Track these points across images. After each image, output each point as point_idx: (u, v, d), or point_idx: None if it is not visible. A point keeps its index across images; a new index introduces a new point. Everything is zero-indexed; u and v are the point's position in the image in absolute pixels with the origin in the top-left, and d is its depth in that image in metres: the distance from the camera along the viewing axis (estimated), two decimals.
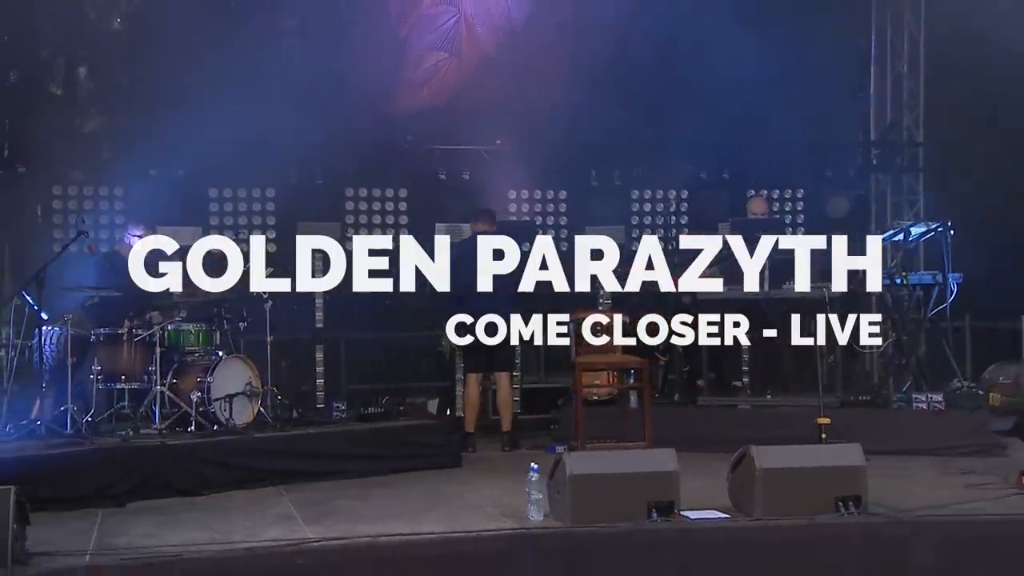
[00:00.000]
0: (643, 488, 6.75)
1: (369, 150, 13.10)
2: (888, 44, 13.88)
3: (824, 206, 13.33)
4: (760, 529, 6.83)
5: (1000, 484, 7.93)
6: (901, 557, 6.79)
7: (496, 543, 6.46)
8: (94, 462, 7.99)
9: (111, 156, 12.23)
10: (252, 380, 9.06)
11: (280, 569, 6.06)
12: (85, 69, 13.05)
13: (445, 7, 13.39)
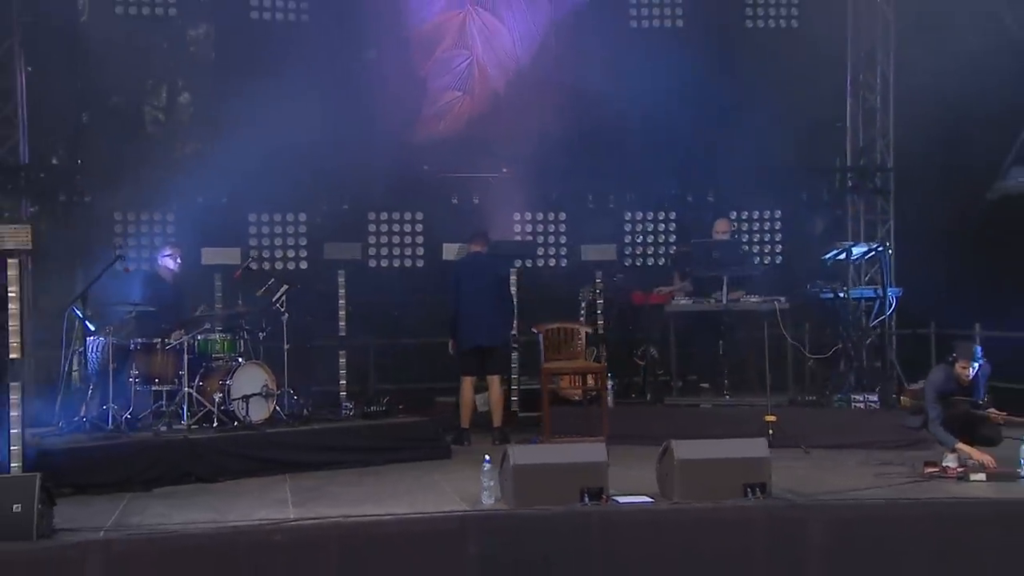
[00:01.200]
0: (576, 476, 7.22)
1: (390, 178, 13.15)
2: (861, 78, 13.83)
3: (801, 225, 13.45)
4: (676, 511, 7.28)
5: (907, 473, 8.31)
6: (797, 535, 7.17)
7: (448, 523, 6.95)
8: (127, 453, 8.61)
9: (165, 185, 12.41)
10: (268, 383, 9.51)
11: (260, 544, 6.59)
12: (153, 108, 13.47)
13: (459, 51, 13.49)
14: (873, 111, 13.77)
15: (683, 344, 11.31)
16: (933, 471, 8.18)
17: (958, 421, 8.35)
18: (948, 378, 8.45)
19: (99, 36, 12.45)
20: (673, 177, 13.46)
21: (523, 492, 7.12)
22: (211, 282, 11.48)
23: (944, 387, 8.44)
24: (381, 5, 13.11)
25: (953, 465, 8.13)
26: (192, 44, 13.41)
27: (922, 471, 8.25)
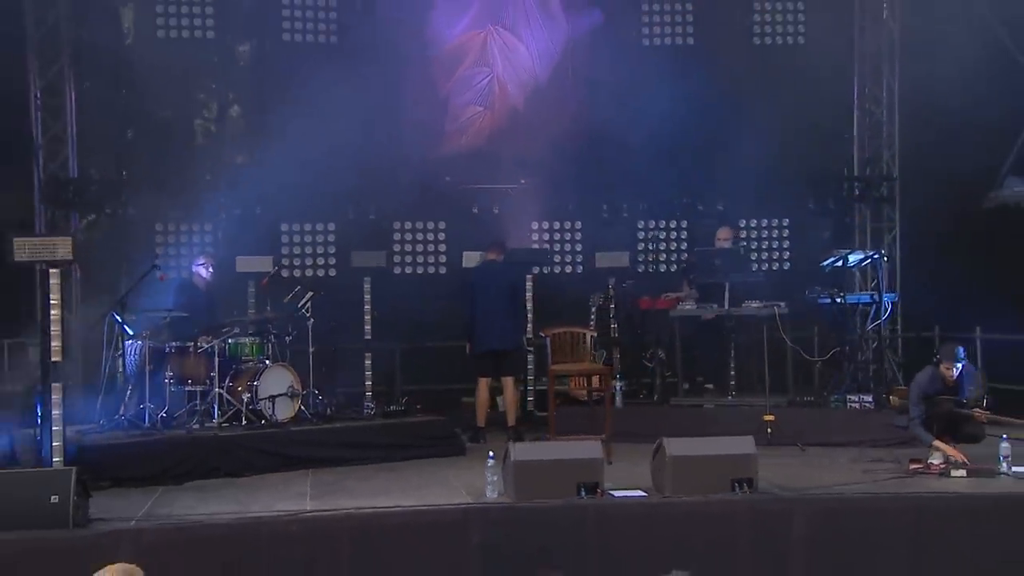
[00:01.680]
0: (573, 471, 7.47)
1: (414, 189, 13.26)
2: (868, 92, 13.90)
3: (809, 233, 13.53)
4: (668, 504, 7.50)
5: (893, 469, 8.48)
6: (781, 527, 7.36)
7: (452, 515, 7.21)
8: (161, 449, 8.94)
9: (203, 198, 12.60)
10: (294, 383, 9.76)
11: (278, 534, 6.86)
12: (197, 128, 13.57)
13: (481, 68, 13.61)
14: (879, 123, 13.91)
15: (688, 347, 11.42)
16: (917, 467, 8.34)
17: (943, 419, 8.54)
18: (933, 379, 8.62)
19: (142, 57, 12.64)
20: (684, 187, 13.56)
21: (523, 486, 7.36)
22: (245, 288, 11.80)
23: (929, 388, 8.62)
24: (406, 27, 13.18)
25: (937, 462, 8.28)
26: (228, 65, 13.55)
27: (907, 467, 8.41)
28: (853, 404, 10.34)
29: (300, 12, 13.18)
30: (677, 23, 13.82)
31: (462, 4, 13.57)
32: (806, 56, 13.56)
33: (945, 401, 8.54)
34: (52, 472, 7.32)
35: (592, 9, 13.66)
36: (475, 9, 13.59)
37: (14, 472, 7.71)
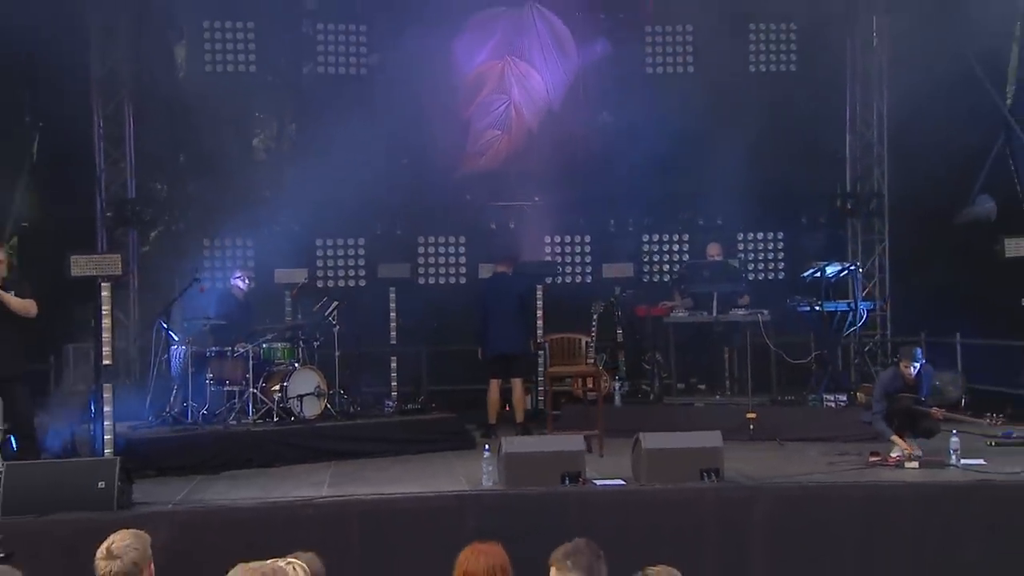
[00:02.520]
0: (558, 462, 7.85)
1: (437, 206, 13.55)
2: (859, 114, 13.95)
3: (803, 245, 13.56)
4: (643, 492, 7.88)
5: (854, 462, 8.76)
6: (743, 511, 7.69)
7: (450, 500, 7.63)
8: (201, 443, 9.43)
9: (246, 216, 12.68)
10: (320, 384, 10.15)
11: (294, 518, 7.30)
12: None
13: (499, 95, 13.75)
14: (870, 144, 13.97)
15: (682, 351, 11.59)
16: (876, 460, 8.64)
17: (902, 415, 8.81)
18: (895, 377, 8.91)
19: (192, 90, 12.94)
20: (685, 203, 13.71)
21: (513, 476, 7.76)
22: (282, 297, 12.02)
23: (891, 385, 8.89)
24: (431, 58, 13.25)
25: (894, 455, 8.62)
26: (268, 96, 13.84)
27: (867, 460, 8.71)
28: (829, 403, 10.53)
29: (333, 47, 13.44)
30: (678, 52, 13.96)
31: (482, 37, 13.70)
32: (798, 81, 13.72)
33: (904, 398, 8.79)
34: (99, 461, 7.80)
35: (600, 40, 13.80)
36: (494, 41, 13.74)
37: (68, 461, 8.31)
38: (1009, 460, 8.59)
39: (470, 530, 7.14)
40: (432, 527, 7.33)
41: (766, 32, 13.99)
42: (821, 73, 13.76)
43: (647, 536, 7.50)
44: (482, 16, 13.65)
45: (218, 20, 13.15)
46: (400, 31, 13.20)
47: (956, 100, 11.99)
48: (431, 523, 7.37)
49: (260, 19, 13.20)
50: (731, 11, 13.42)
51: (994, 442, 9.52)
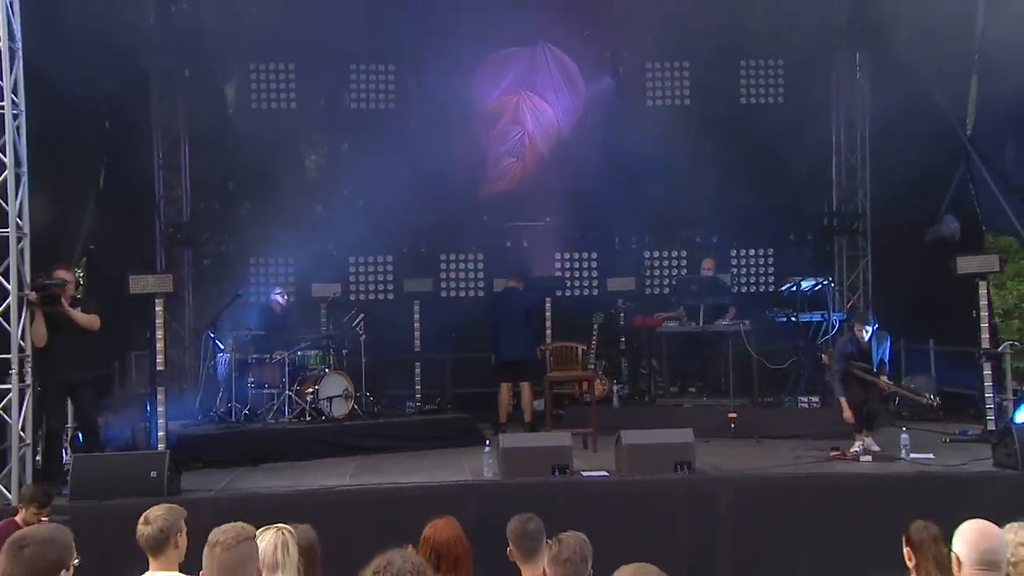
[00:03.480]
0: (549, 456, 8.34)
1: (458, 227, 13.79)
2: (844, 141, 14.06)
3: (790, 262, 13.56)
4: (623, 482, 8.37)
5: (817, 456, 9.20)
6: (711, 499, 8.17)
7: (454, 488, 8.14)
8: (242, 439, 9.98)
9: (287, 237, 12.89)
10: (348, 387, 10.62)
11: (320, 503, 7.80)
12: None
13: (514, 126, 13.93)
14: (854, 168, 14.09)
15: (673, 358, 11.97)
16: (835, 454, 9.10)
17: (854, 381, 9.25)
18: (851, 340, 9.37)
19: (240, 124, 13.50)
20: (684, 222, 13.94)
21: (509, 468, 8.29)
22: (318, 309, 12.36)
23: (847, 348, 9.33)
24: (453, 92, 13.38)
25: (854, 450, 9.09)
26: (306, 130, 14.17)
27: (828, 454, 9.15)
28: (803, 404, 10.85)
29: (364, 85, 13.83)
30: (676, 87, 14.15)
31: (499, 73, 13.88)
32: (785, 112, 13.81)
33: (855, 366, 9.23)
34: (152, 454, 8.39)
35: (605, 76, 14.10)
36: (510, 77, 13.93)
37: (125, 454, 8.93)
38: (955, 455, 9.05)
39: (470, 515, 7.42)
40: (437, 512, 7.42)
41: (755, 68, 14.18)
42: (807, 104, 13.84)
43: (627, 520, 7.97)
44: (499, 55, 13.83)
45: (263, 63, 13.58)
46: (424, 69, 13.49)
47: (927, 128, 12.15)
48: (436, 508, 7.37)
49: (300, 61, 13.59)
50: (723, 49, 13.70)
51: (948, 439, 9.93)
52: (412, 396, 12.22)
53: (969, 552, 3.69)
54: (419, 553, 4.20)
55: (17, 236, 7.86)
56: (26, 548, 3.15)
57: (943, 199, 12.40)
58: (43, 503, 6.62)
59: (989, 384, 9.63)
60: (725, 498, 8.15)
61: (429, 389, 12.54)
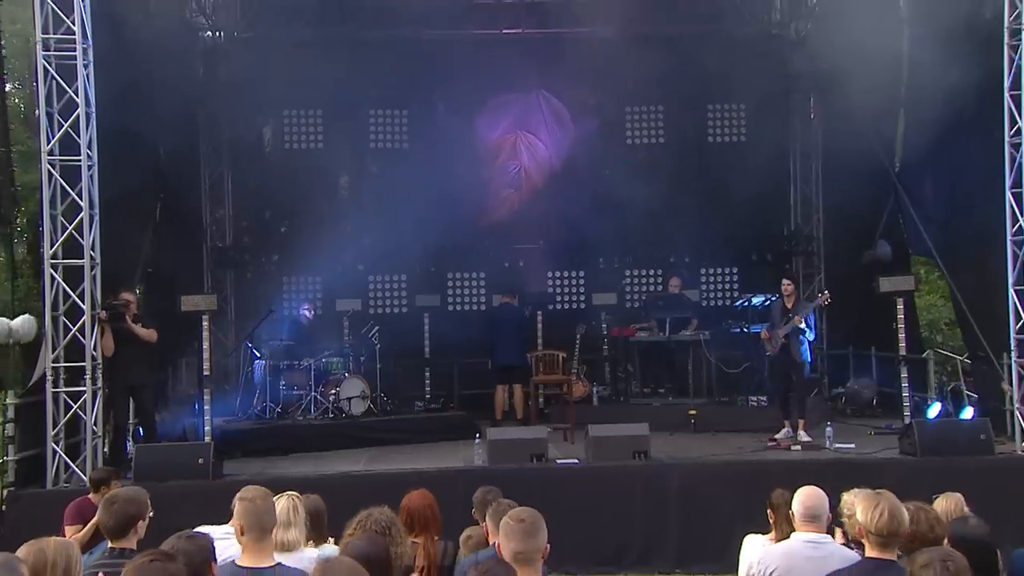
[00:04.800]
0: (528, 446, 9.11)
1: (462, 249, 14.09)
2: (800, 172, 14.73)
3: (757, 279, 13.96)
4: (589, 468, 9.11)
5: (756, 446, 9.91)
6: (663, 481, 8.89)
7: (448, 473, 8.83)
8: (275, 433, 10.76)
9: (315, 258, 13.06)
10: (365, 389, 11.32)
11: (338, 485, 8.38)
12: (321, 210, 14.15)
13: (512, 161, 14.46)
14: (809, 196, 14.72)
15: (645, 363, 12.64)
16: (771, 444, 9.86)
17: (780, 370, 10.25)
18: (778, 298, 10.23)
19: (276, 161, 14.25)
20: (660, 244, 14.33)
21: (495, 456, 9.03)
22: (341, 322, 13.05)
23: (775, 304, 10.31)
24: (458, 133, 13.97)
25: (784, 440, 9.87)
26: (333, 166, 14.54)
27: (766, 444, 9.90)
28: (753, 403, 11.52)
29: (382, 127, 14.47)
30: (651, 127, 14.72)
31: (499, 116, 14.47)
32: (747, 149, 14.29)
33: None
34: (199, 445, 9.14)
35: (591, 118, 14.55)
36: (508, 119, 14.52)
37: (179, 444, 9.72)
38: (873, 445, 9.86)
39: (460, 495, 7.82)
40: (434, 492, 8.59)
41: (721, 111, 14.76)
42: (767, 141, 14.17)
43: (593, 500, 8.78)
44: (498, 100, 14.41)
45: (294, 109, 14.32)
46: (434, 113, 14.18)
47: (867, 163, 12.68)
48: (434, 489, 8.30)
49: (326, 107, 14.28)
50: (693, 95, 14.39)
51: (873, 432, 10.72)
52: (422, 396, 12.87)
53: (798, 508, 4.66)
54: (398, 517, 5.02)
55: (90, 265, 8.77)
56: (115, 504, 4.15)
57: (877, 226, 13.04)
58: (105, 479, 7.18)
59: (906, 385, 10.22)
60: (674, 481, 8.87)
61: (438, 390, 13.14)
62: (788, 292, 10.03)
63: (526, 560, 3.56)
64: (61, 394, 8.68)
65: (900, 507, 4.02)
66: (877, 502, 4.01)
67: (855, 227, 13.75)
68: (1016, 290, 9.23)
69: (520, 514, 3.68)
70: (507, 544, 3.60)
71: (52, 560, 3.31)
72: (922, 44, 11.09)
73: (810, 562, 4.53)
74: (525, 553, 3.57)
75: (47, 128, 8.62)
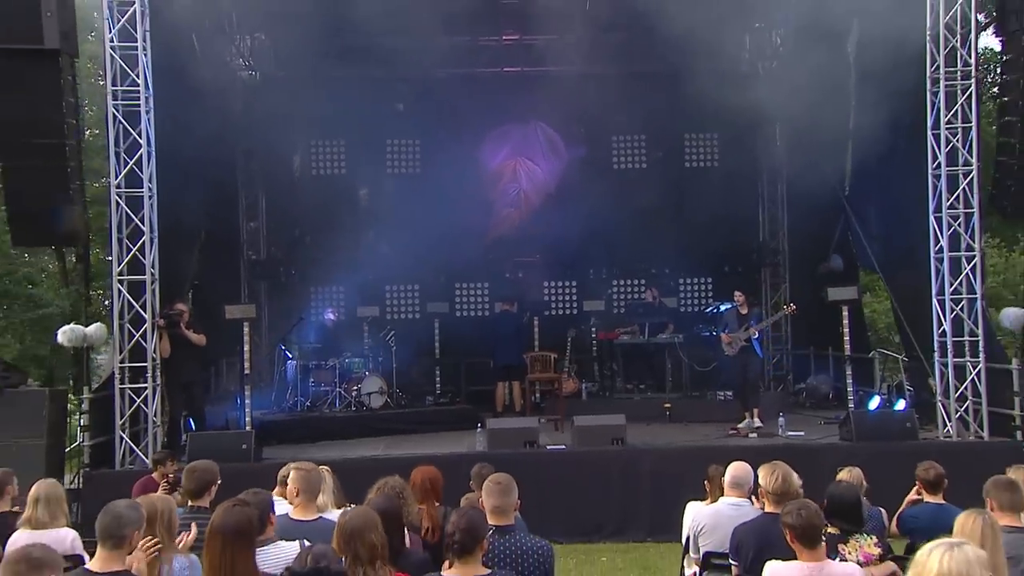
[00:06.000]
0: (521, 434, 9.85)
1: (469, 262, 14.63)
2: (767, 193, 15.50)
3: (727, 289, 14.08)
4: (575, 452, 9.82)
5: (719, 434, 10.60)
6: (637, 464, 9.57)
7: (454, 457, 9.38)
8: (305, 424, 11.44)
9: (339, 269, 13.84)
10: (383, 386, 12.02)
11: (359, 468, 8.68)
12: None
13: (513, 184, 15.15)
14: (776, 215, 15.52)
15: (627, 362, 13.34)
16: (732, 432, 10.58)
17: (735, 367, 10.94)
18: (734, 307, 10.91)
19: (305, 186, 14.96)
20: (643, 258, 14.97)
21: (494, 442, 9.74)
22: (362, 327, 13.58)
23: (729, 311, 10.98)
24: (464, 160, 14.55)
25: (742, 425, 10.62)
26: (354, 189, 15.39)
27: (727, 432, 10.63)
28: (721, 398, 12.20)
29: (398, 155, 15.24)
30: (634, 152, 15.42)
31: (500, 144, 15.16)
32: (720, 173, 15.04)
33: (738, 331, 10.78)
34: (242, 433, 9.90)
35: (581, 146, 15.27)
36: (508, 147, 15.22)
37: (225, 432, 10.46)
38: (819, 433, 10.63)
39: (465, 476, 8.07)
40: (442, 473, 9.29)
41: (697, 140, 15.49)
42: (737, 166, 15.08)
43: (577, 480, 9.48)
44: (500, 130, 15.09)
45: (320, 139, 15.09)
46: (443, 143, 14.80)
47: (824, 185, 13.25)
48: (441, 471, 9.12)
49: (348, 138, 15.02)
50: (672, 125, 15.07)
51: (823, 422, 11.44)
52: (433, 392, 13.54)
53: (727, 478, 5.56)
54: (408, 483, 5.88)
55: (151, 280, 9.63)
56: (196, 472, 5.09)
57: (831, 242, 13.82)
58: (164, 460, 7.93)
59: (851, 381, 10.99)
60: (647, 463, 9.58)
61: (446, 386, 13.80)
62: (740, 301, 10.77)
63: (502, 512, 4.47)
64: (126, 390, 9.50)
65: (791, 474, 4.92)
66: (773, 470, 4.92)
67: (815, 242, 14.46)
68: (938, 299, 10.04)
69: (497, 477, 4.59)
70: (488, 500, 4.51)
71: (160, 509, 4.24)
72: (865, 86, 11.89)
73: (731, 520, 5.42)
74: (501, 506, 4.47)
75: (115, 165, 9.48)
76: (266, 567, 4.19)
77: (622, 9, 11.82)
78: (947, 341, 9.98)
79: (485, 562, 4.05)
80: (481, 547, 3.94)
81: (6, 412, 9.31)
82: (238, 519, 3.86)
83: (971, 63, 9.79)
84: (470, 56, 14.28)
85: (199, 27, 11.47)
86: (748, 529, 4.96)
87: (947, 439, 9.91)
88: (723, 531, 5.39)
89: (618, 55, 13.36)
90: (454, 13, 12.14)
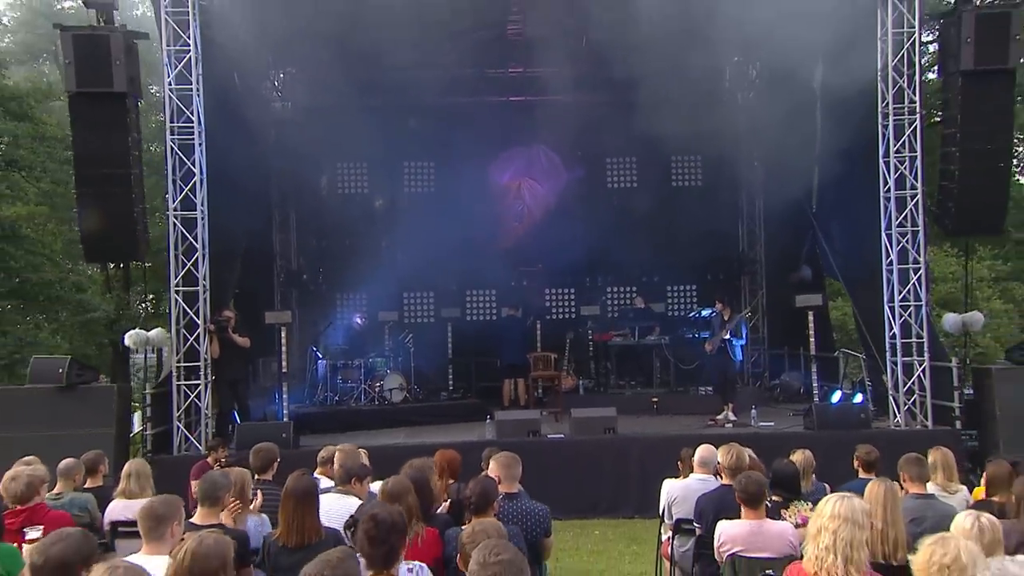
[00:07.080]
0: (526, 425, 10.48)
1: (478, 271, 14.99)
2: (746, 209, 16.13)
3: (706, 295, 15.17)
4: (572, 441, 10.45)
5: (699, 424, 11.25)
6: (626, 451, 10.19)
7: (463, 446, 9.39)
8: (335, 416, 12.01)
9: (362, 278, 14.45)
10: (402, 383, 12.69)
11: (382, 454, 9.10)
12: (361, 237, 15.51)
13: (518, 201, 15.75)
14: (754, 229, 16.11)
15: (619, 361, 13.95)
16: (711, 423, 11.25)
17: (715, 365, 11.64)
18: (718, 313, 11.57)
19: (332, 205, 15.44)
20: (635, 267, 15.53)
21: (501, 432, 10.38)
22: (383, 330, 14.32)
23: (715, 317, 11.59)
24: (474, 180, 15.04)
25: (720, 416, 11.30)
26: (374, 207, 15.75)
27: (706, 423, 11.31)
28: (702, 392, 12.79)
29: (415, 175, 15.83)
30: (626, 172, 15.94)
31: (506, 165, 15.78)
32: (704, 191, 15.70)
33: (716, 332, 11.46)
34: (281, 424, 10.48)
35: (579, 166, 15.88)
36: (513, 168, 15.83)
37: (267, 423, 11.04)
38: (787, 423, 11.28)
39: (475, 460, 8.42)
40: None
41: (682, 161, 16.06)
42: (720, 185, 15.71)
43: (574, 465, 10.12)
44: (506, 153, 15.71)
45: (345, 161, 15.67)
46: (455, 164, 15.33)
47: (795, 205, 13.84)
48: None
49: (370, 160, 15.63)
50: (660, 148, 15.16)
51: (792, 413, 12.11)
52: (447, 388, 14.13)
53: (696, 458, 6.36)
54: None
55: (203, 290, 10.41)
56: (260, 452, 5.93)
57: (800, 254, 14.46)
58: (216, 447, 8.67)
59: (815, 377, 11.69)
60: (635, 450, 10.22)
61: (458, 383, 14.37)
62: (720, 308, 11.53)
63: (510, 480, 5.31)
64: (182, 386, 10.23)
65: (743, 452, 5.75)
66: (729, 449, 5.74)
67: (788, 254, 15.09)
68: (889, 306, 10.82)
69: (505, 454, 5.42)
70: (497, 471, 5.34)
71: (239, 480, 5.10)
72: (828, 117, 12.64)
73: (697, 493, 6.20)
74: (508, 476, 5.31)
75: (172, 191, 10.30)
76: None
77: (616, 44, 12.47)
78: (897, 343, 10.69)
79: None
80: (492, 507, 4.76)
81: (80, 405, 10.02)
82: (306, 485, 4.71)
83: (916, 100, 10.54)
84: (479, 86, 14.88)
85: (241, 66, 12.15)
86: (708, 498, 5.77)
87: (896, 428, 10.62)
88: (691, 502, 6.11)
89: (612, 86, 13.78)
90: (465, 48, 12.80)
